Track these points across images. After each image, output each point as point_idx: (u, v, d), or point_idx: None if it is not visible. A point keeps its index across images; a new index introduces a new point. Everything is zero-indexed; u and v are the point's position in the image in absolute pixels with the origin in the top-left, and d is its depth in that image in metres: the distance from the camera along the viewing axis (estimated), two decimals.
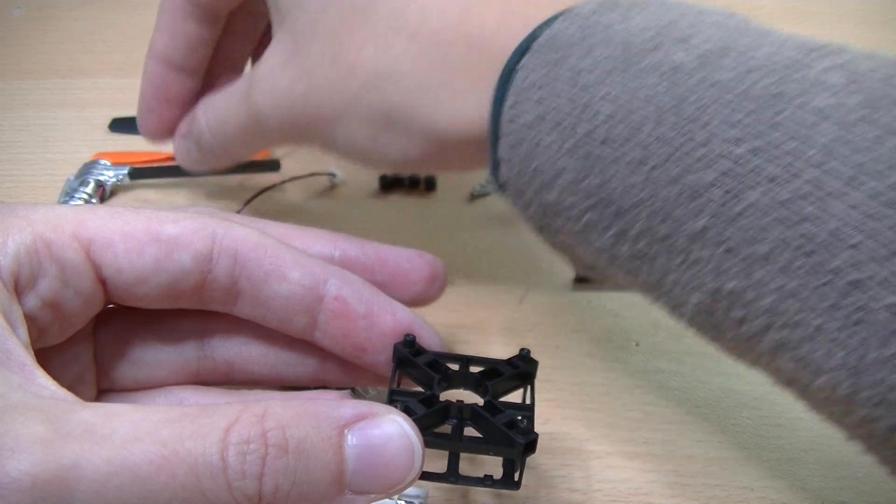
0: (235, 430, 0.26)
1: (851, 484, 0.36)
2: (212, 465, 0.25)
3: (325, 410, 0.27)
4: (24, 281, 0.29)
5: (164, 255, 0.31)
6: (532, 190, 0.33)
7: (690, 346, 0.42)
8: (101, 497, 0.24)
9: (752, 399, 0.39)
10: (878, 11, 0.62)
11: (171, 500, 0.25)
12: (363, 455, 0.27)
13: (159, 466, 0.24)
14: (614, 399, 0.40)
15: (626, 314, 0.44)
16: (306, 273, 0.33)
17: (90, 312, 0.32)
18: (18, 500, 0.23)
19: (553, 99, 0.32)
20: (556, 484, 0.36)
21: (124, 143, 0.56)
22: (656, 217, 0.30)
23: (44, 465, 0.24)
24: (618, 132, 0.30)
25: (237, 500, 0.25)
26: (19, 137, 0.57)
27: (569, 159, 0.31)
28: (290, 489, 0.26)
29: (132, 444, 0.25)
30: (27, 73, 0.62)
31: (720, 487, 0.36)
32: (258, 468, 0.25)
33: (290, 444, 0.26)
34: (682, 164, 0.29)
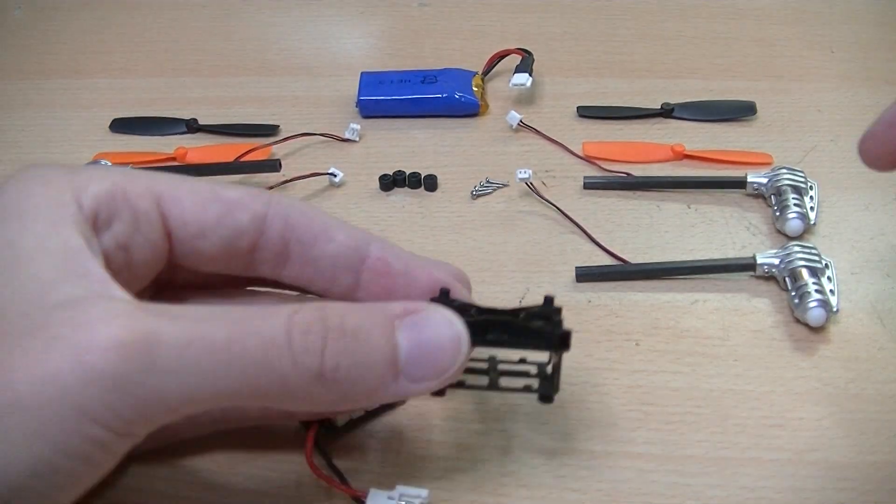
0: (299, 314, 0.29)
1: (851, 484, 0.36)
2: (278, 341, 0.28)
3: (377, 307, 0.31)
4: (101, 221, 0.31)
5: (225, 212, 0.34)
6: None
7: (690, 346, 0.42)
8: (180, 364, 0.27)
9: (752, 399, 0.39)
10: (877, 11, 0.62)
11: (243, 370, 0.28)
12: (413, 341, 0.31)
13: (232, 339, 0.28)
14: (615, 399, 0.40)
15: (626, 314, 0.44)
16: (351, 235, 0.35)
17: (155, 265, 0.34)
18: (108, 359, 0.26)
19: None
20: (556, 484, 0.36)
21: (125, 144, 0.56)
22: None
23: (129, 331, 0.26)
24: None
25: (301, 374, 0.29)
26: (20, 137, 0.57)
27: None
28: (350, 368, 0.29)
29: (206, 320, 0.28)
30: (27, 73, 0.62)
31: (720, 487, 0.36)
32: (320, 345, 0.29)
33: (347, 328, 0.29)
34: None
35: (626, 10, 0.65)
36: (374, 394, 0.31)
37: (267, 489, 0.36)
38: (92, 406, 0.26)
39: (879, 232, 0.47)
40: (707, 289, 0.45)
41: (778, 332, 0.42)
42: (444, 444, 0.38)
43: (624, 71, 0.59)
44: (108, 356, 0.26)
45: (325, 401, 0.30)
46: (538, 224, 0.49)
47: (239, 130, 0.56)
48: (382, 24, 0.65)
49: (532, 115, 0.56)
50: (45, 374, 0.26)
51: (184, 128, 0.56)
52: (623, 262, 0.46)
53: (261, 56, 0.62)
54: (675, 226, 0.48)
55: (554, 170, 0.52)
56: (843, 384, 0.40)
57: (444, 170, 0.52)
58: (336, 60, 0.62)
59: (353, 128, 0.55)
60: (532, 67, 0.57)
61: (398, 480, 0.36)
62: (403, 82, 0.57)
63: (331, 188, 0.52)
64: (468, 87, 0.56)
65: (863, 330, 0.42)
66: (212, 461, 0.37)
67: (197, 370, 0.27)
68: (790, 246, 0.44)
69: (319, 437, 0.37)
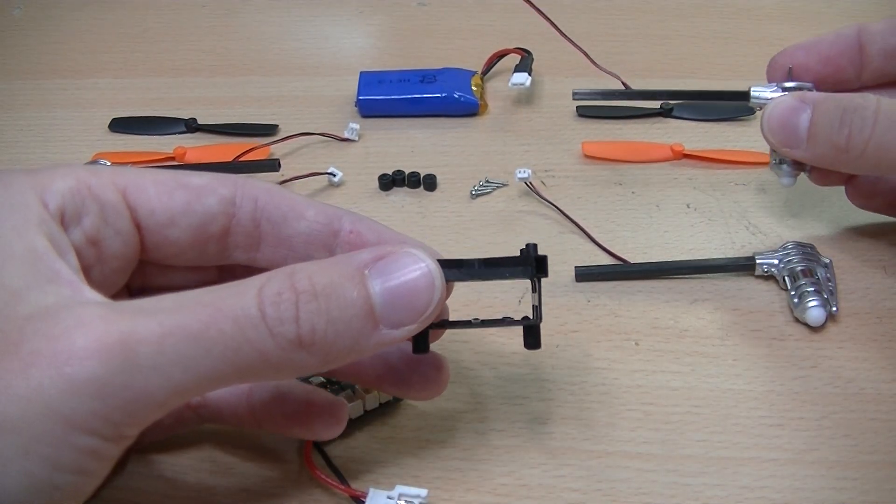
0: (267, 285, 0.29)
1: (851, 484, 0.36)
2: (252, 317, 0.28)
3: (345, 258, 0.31)
4: (69, 218, 0.31)
5: (192, 198, 0.34)
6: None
7: (690, 346, 0.42)
8: (160, 358, 0.27)
9: (752, 399, 0.39)
10: (878, 12, 0.62)
11: (224, 352, 0.28)
12: (386, 287, 0.30)
13: (207, 323, 0.27)
14: (614, 399, 0.40)
15: (626, 314, 0.44)
16: (321, 211, 0.35)
17: (128, 257, 0.34)
18: (88, 366, 0.26)
19: None
20: (556, 484, 0.36)
21: (124, 144, 0.56)
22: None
23: (104, 335, 0.26)
24: None
25: (281, 345, 0.28)
26: (19, 137, 0.57)
27: None
28: (326, 328, 0.29)
29: (179, 309, 0.28)
30: (27, 73, 0.62)
31: (720, 487, 0.36)
32: (292, 312, 0.29)
33: (318, 289, 0.29)
34: None
35: (625, 10, 0.65)
36: (357, 348, 0.30)
37: (266, 489, 0.36)
38: (79, 416, 0.26)
39: (879, 232, 0.47)
40: (707, 289, 0.45)
41: (777, 331, 0.42)
42: (444, 444, 0.38)
43: (624, 71, 0.59)
44: (87, 364, 0.26)
45: (310, 365, 0.30)
46: (538, 224, 0.49)
47: (238, 130, 0.56)
48: (382, 24, 0.65)
49: (532, 115, 0.56)
50: (28, 391, 0.26)
51: (183, 127, 0.56)
52: (623, 262, 0.46)
53: (260, 56, 0.62)
54: (675, 226, 0.48)
55: (553, 169, 0.52)
56: (843, 384, 0.40)
57: (444, 169, 0.52)
58: (335, 60, 0.62)
59: (352, 127, 0.55)
60: (531, 67, 0.57)
61: (398, 480, 0.36)
62: (403, 82, 0.57)
63: (330, 188, 0.52)
64: (467, 87, 0.56)
65: (862, 330, 0.42)
66: (211, 461, 0.37)
67: (178, 361, 0.27)
68: (790, 246, 0.44)
69: None
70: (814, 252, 0.44)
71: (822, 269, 0.43)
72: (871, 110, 0.38)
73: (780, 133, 0.40)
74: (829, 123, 0.39)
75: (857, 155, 0.38)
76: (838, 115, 0.39)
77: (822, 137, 0.39)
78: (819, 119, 0.39)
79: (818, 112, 0.39)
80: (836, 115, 0.39)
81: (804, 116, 0.40)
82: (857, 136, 0.38)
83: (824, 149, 0.40)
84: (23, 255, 0.29)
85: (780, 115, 0.40)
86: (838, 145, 0.39)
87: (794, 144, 0.40)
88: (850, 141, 0.38)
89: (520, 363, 0.41)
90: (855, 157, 0.39)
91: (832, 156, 0.40)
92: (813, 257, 0.43)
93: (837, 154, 0.39)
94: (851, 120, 0.38)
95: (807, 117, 0.40)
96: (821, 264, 0.43)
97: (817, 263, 0.43)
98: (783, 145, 0.41)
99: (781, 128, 0.40)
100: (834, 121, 0.39)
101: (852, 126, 0.38)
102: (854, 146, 0.38)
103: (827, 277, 0.43)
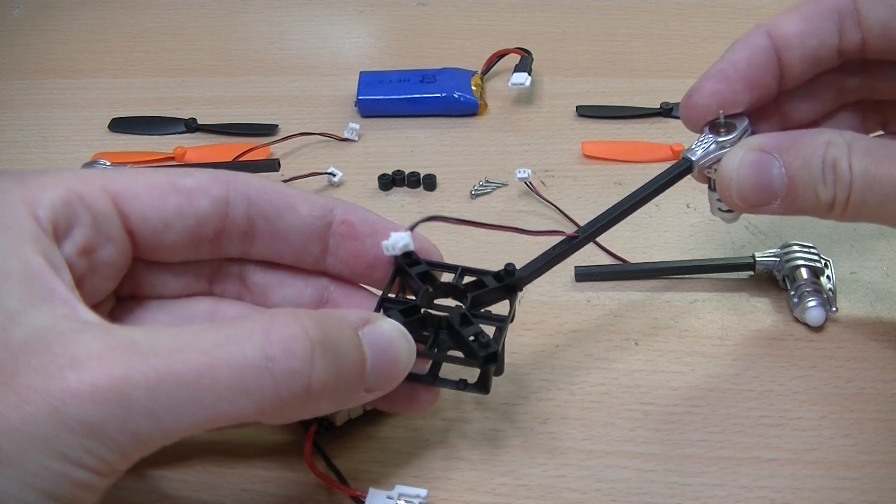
0: (275, 329, 0.27)
1: (851, 484, 0.36)
2: (255, 366, 0.27)
3: (339, 314, 0.30)
4: (61, 230, 0.31)
5: (185, 202, 0.34)
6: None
7: (690, 345, 0.42)
8: (152, 403, 0.26)
9: (751, 399, 0.39)
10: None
11: (217, 403, 0.27)
12: (376, 351, 0.30)
13: (201, 372, 0.27)
14: (614, 399, 0.40)
15: (625, 314, 0.44)
16: (314, 204, 0.35)
17: (120, 264, 0.34)
18: (83, 407, 0.26)
19: None
20: (556, 484, 0.36)
21: (124, 144, 0.56)
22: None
23: (100, 376, 0.26)
24: None
25: (283, 398, 0.27)
26: (19, 137, 0.57)
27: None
28: (335, 383, 0.28)
29: (174, 353, 0.27)
30: (27, 73, 0.62)
31: (719, 487, 0.36)
32: (307, 365, 0.28)
33: (329, 342, 0.28)
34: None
35: (625, 10, 0.65)
36: (340, 405, 0.30)
37: (266, 489, 0.36)
38: (73, 453, 0.26)
39: (879, 232, 0.47)
40: (706, 288, 0.45)
41: (777, 331, 0.42)
42: (444, 443, 0.38)
43: (623, 71, 0.59)
44: (83, 405, 0.26)
45: (297, 415, 0.29)
46: (537, 223, 0.49)
47: (238, 130, 0.56)
48: (381, 24, 0.65)
49: (531, 115, 0.56)
50: (24, 426, 0.26)
51: (183, 127, 0.56)
52: (622, 262, 0.46)
53: (260, 56, 0.62)
54: (675, 225, 0.48)
55: (553, 169, 0.52)
56: (843, 384, 0.40)
57: (444, 169, 0.52)
58: (335, 60, 0.62)
59: (352, 127, 0.55)
60: (531, 67, 0.57)
61: (397, 480, 0.36)
62: (402, 82, 0.57)
63: (330, 188, 0.52)
64: (467, 87, 0.56)
65: (862, 330, 0.42)
66: (211, 461, 0.37)
67: (169, 407, 0.27)
68: (789, 246, 0.44)
69: (319, 437, 0.37)
70: (814, 252, 0.44)
71: (822, 269, 0.43)
72: (845, 165, 0.33)
73: (753, 194, 0.35)
74: (812, 180, 0.34)
75: (840, 212, 0.34)
76: (819, 170, 0.34)
77: (803, 194, 0.34)
78: (797, 174, 0.34)
79: (793, 167, 0.34)
80: (817, 171, 0.34)
81: (776, 171, 0.34)
82: (840, 194, 0.33)
83: (806, 204, 0.35)
84: (18, 273, 0.28)
85: (750, 176, 0.35)
86: (825, 203, 0.34)
87: (768, 201, 0.35)
88: (837, 198, 0.34)
89: (520, 363, 0.41)
90: (838, 215, 0.34)
91: (814, 210, 0.35)
92: (813, 257, 0.43)
93: (821, 210, 0.34)
94: (835, 176, 0.33)
95: (779, 172, 0.34)
96: (821, 264, 0.43)
97: (817, 263, 0.43)
98: (755, 205, 0.35)
99: (755, 188, 0.35)
100: (816, 176, 0.34)
101: (837, 184, 0.33)
102: (837, 205, 0.34)
103: (827, 277, 0.43)
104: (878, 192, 0.32)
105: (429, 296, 0.36)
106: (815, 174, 0.34)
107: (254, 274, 0.37)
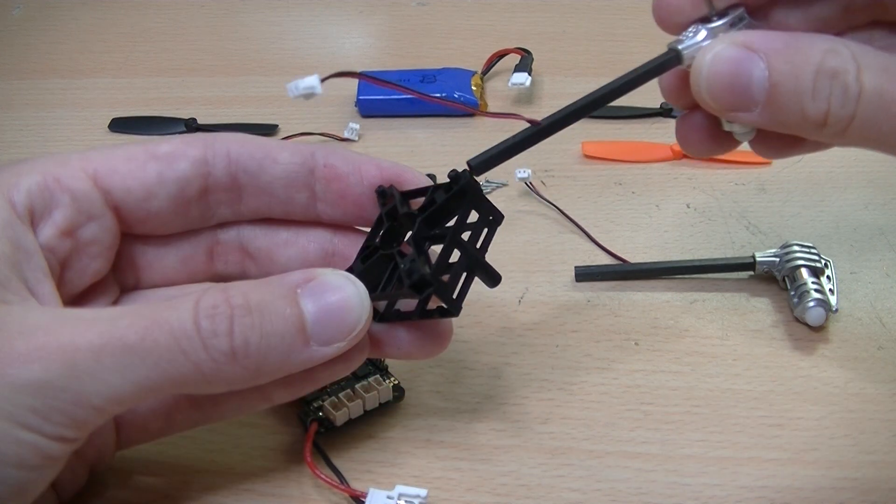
0: (203, 299, 0.30)
1: (851, 484, 0.36)
2: (187, 329, 0.29)
3: (277, 279, 0.32)
4: (38, 213, 0.32)
5: (164, 167, 0.34)
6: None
7: (689, 345, 0.42)
8: (97, 366, 0.28)
9: (752, 399, 0.39)
10: None
11: (158, 363, 0.29)
12: (317, 306, 0.31)
13: (143, 335, 0.29)
14: (614, 399, 0.40)
15: (625, 314, 0.44)
16: (294, 151, 0.36)
17: (107, 242, 0.34)
18: (30, 369, 0.27)
19: None
20: (556, 484, 0.36)
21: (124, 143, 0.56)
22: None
23: (46, 343, 0.28)
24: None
25: (214, 357, 0.29)
26: (19, 137, 0.57)
27: None
28: (259, 342, 0.30)
29: (117, 320, 0.29)
30: (27, 73, 0.62)
31: (719, 487, 0.36)
32: (227, 325, 0.29)
33: (252, 304, 0.30)
34: None
35: (625, 10, 0.65)
36: (287, 363, 0.31)
37: (267, 489, 0.36)
38: (20, 414, 0.27)
39: (879, 231, 0.47)
40: (706, 288, 0.45)
41: (777, 331, 0.42)
42: (444, 444, 0.38)
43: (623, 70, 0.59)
44: (30, 367, 0.27)
45: (241, 378, 0.30)
46: (537, 223, 0.49)
47: (238, 130, 0.56)
48: (381, 24, 0.65)
49: (531, 115, 0.56)
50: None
51: (183, 127, 0.56)
52: (622, 262, 0.46)
53: (260, 55, 0.62)
54: (675, 225, 0.48)
55: (553, 169, 0.52)
56: (843, 384, 0.40)
57: (444, 169, 0.52)
58: (335, 60, 0.62)
59: (352, 127, 0.55)
60: (531, 67, 0.57)
61: (397, 480, 0.36)
62: (402, 82, 0.56)
63: None
64: (467, 87, 0.56)
65: (862, 329, 0.42)
66: (211, 461, 0.37)
67: (114, 370, 0.28)
68: (789, 246, 0.44)
69: (319, 437, 0.37)
70: (814, 252, 0.44)
71: (822, 269, 0.43)
72: (852, 78, 0.29)
73: (726, 95, 0.31)
74: (799, 90, 0.29)
75: (837, 131, 0.30)
76: (810, 80, 0.29)
77: (787, 105, 0.30)
78: (782, 81, 0.29)
79: (779, 71, 0.30)
80: (807, 80, 0.29)
81: (757, 73, 0.30)
82: (837, 110, 0.29)
83: (790, 118, 0.30)
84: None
85: (724, 73, 0.30)
86: (813, 119, 0.30)
87: (745, 107, 0.30)
88: (829, 116, 0.29)
89: (520, 363, 0.41)
90: (833, 134, 0.30)
91: (800, 127, 0.30)
92: (813, 257, 0.43)
93: (809, 127, 0.30)
94: (830, 90, 0.29)
95: (762, 74, 0.30)
96: (821, 264, 0.43)
97: (817, 263, 0.43)
98: (729, 109, 0.31)
99: (728, 88, 0.30)
100: (805, 87, 0.29)
101: (832, 98, 0.29)
102: (833, 122, 0.29)
103: (827, 277, 0.43)
104: (893, 114, 0.28)
105: (392, 232, 0.35)
106: (803, 84, 0.29)
107: (253, 239, 0.37)
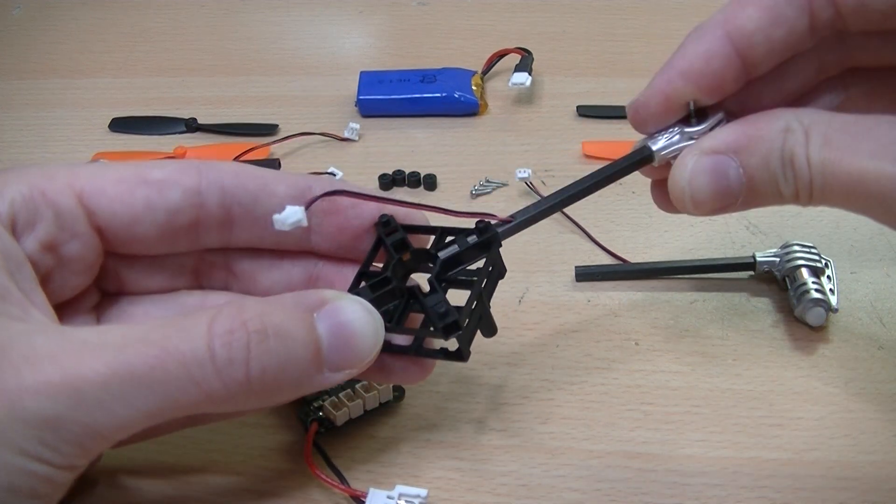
0: (217, 322, 0.28)
1: (851, 484, 0.36)
2: (199, 358, 0.28)
3: (293, 298, 0.31)
4: (21, 225, 0.31)
5: (154, 195, 0.33)
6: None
7: (690, 346, 0.42)
8: (105, 396, 0.27)
9: (752, 399, 0.39)
10: None
11: (168, 391, 0.28)
12: (333, 331, 0.30)
13: (152, 365, 0.28)
14: (614, 399, 0.40)
15: (625, 314, 0.44)
16: (292, 185, 0.35)
17: (91, 260, 0.34)
18: (38, 402, 0.27)
19: None
20: (556, 484, 0.36)
21: (124, 143, 0.56)
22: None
23: (54, 373, 0.27)
24: None
25: (227, 384, 0.28)
26: (19, 137, 0.57)
27: None
28: (276, 370, 0.29)
29: (125, 348, 0.28)
30: (27, 73, 0.62)
31: (719, 487, 0.36)
32: (244, 354, 0.28)
33: (269, 329, 0.29)
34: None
35: (625, 10, 0.65)
36: (298, 389, 0.31)
37: (267, 489, 0.36)
38: (30, 446, 0.27)
39: (879, 232, 0.47)
40: (706, 288, 0.45)
41: (777, 331, 0.42)
42: (444, 444, 0.38)
43: (623, 70, 0.59)
44: (38, 400, 0.27)
45: (250, 404, 0.30)
46: (537, 223, 0.49)
47: (238, 130, 0.56)
48: (382, 24, 0.65)
49: (531, 115, 0.56)
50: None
51: (183, 127, 0.56)
52: (623, 262, 0.46)
53: (260, 55, 0.62)
54: (675, 226, 0.48)
55: (553, 169, 0.52)
56: (843, 384, 0.40)
57: (444, 169, 0.52)
58: (335, 60, 0.62)
59: (352, 127, 0.55)
60: (531, 67, 0.57)
61: (398, 480, 0.36)
62: (403, 81, 0.57)
63: None
64: (467, 87, 0.56)
65: (862, 329, 0.42)
66: (211, 461, 0.37)
67: (122, 399, 0.28)
68: (790, 245, 0.44)
69: (319, 437, 0.37)
70: (814, 252, 0.44)
71: (822, 269, 0.43)
72: (802, 156, 0.30)
73: (710, 202, 0.32)
74: (773, 177, 0.31)
75: (808, 201, 0.31)
76: (779, 165, 0.30)
77: (764, 190, 0.31)
78: (756, 174, 0.31)
79: (751, 166, 0.31)
80: (776, 166, 0.31)
81: (732, 172, 0.31)
82: (802, 186, 0.30)
83: (767, 199, 0.32)
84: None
85: (705, 185, 0.32)
86: (787, 196, 0.31)
87: (729, 206, 0.32)
88: (798, 191, 0.30)
89: (520, 363, 0.41)
90: (807, 202, 0.31)
91: (777, 202, 0.32)
92: (813, 257, 0.43)
93: (786, 201, 0.32)
94: (794, 172, 0.30)
95: (737, 174, 0.31)
96: (821, 264, 0.43)
97: (817, 263, 0.43)
98: (714, 212, 0.32)
99: (712, 197, 0.32)
100: (775, 172, 0.31)
101: (797, 180, 0.30)
102: (802, 195, 0.31)
103: (827, 277, 0.43)
104: (839, 185, 0.29)
105: (401, 265, 0.35)
106: (774, 171, 0.31)
107: (239, 262, 0.37)
